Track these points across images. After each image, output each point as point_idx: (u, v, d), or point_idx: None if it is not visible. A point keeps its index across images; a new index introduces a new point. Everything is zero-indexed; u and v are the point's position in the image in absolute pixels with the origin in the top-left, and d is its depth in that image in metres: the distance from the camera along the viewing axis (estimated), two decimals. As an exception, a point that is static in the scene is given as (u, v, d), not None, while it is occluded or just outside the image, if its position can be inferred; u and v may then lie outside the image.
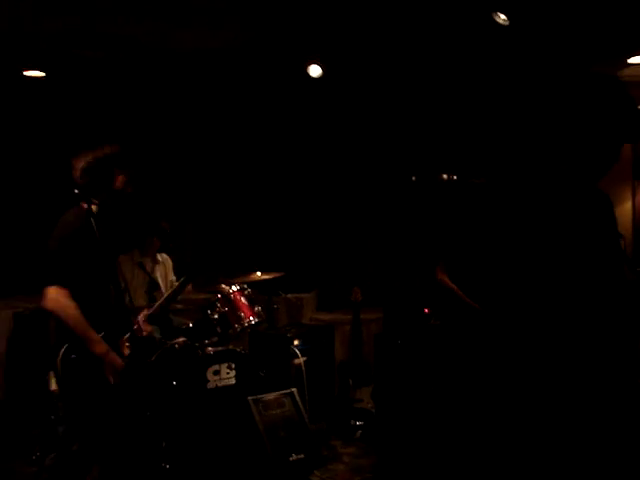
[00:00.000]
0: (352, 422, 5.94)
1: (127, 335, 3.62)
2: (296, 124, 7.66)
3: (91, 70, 6.65)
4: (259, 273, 5.79)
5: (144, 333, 4.08)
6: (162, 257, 6.10)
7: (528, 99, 6.97)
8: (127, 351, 3.53)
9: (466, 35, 5.93)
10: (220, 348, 5.16)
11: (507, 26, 5.39)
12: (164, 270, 6.07)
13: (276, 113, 7.56)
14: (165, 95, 7.19)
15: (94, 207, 3.55)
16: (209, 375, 5.04)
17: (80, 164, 3.68)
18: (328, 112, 7.58)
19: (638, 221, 7.38)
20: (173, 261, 6.23)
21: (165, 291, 5.88)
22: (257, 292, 6.23)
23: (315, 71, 6.56)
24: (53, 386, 5.20)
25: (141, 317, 4.29)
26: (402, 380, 5.76)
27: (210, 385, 5.04)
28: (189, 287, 5.92)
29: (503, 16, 5.28)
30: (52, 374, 5.17)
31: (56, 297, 3.48)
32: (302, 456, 4.84)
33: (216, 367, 5.08)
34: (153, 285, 5.87)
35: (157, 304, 4.78)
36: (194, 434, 4.76)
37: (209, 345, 5.20)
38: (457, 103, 7.27)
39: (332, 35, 6.10)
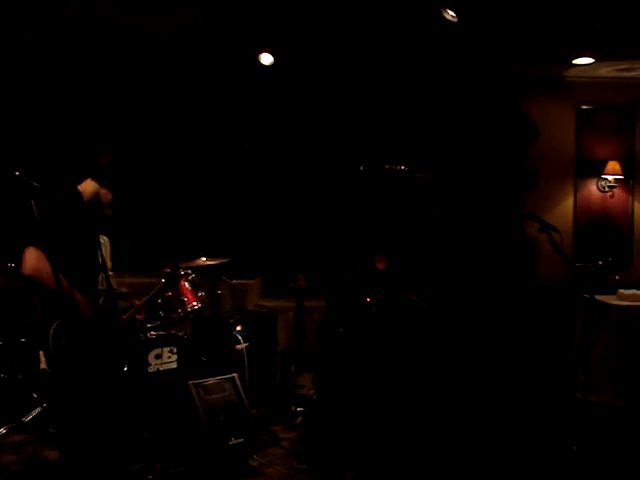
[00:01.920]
0: (293, 408, 6.01)
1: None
2: (244, 111, 7.66)
3: (47, 51, 6.58)
4: (204, 258, 5.81)
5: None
6: (103, 239, 6.06)
7: (462, 99, 7.14)
8: None
9: (415, 27, 6.03)
10: (162, 332, 5.18)
11: (455, 22, 5.49)
12: (104, 252, 6.03)
13: (226, 99, 7.55)
14: (117, 77, 7.13)
15: (84, 190, 3.89)
16: (150, 359, 5.07)
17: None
18: (278, 101, 7.61)
19: (578, 217, 7.61)
20: (112, 245, 6.21)
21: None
22: (202, 277, 6.26)
23: (267, 59, 6.59)
24: (42, 365, 5.21)
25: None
26: (344, 367, 5.86)
27: (151, 369, 5.07)
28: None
29: (452, 12, 5.38)
30: (42, 353, 5.19)
31: (37, 258, 3.56)
32: (241, 440, 4.87)
33: (158, 351, 5.11)
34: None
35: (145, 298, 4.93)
36: (135, 417, 4.78)
37: (152, 329, 5.22)
38: (406, 97, 7.38)
39: (283, 22, 6.14)
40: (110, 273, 6.06)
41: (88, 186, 3.98)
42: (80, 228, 3.94)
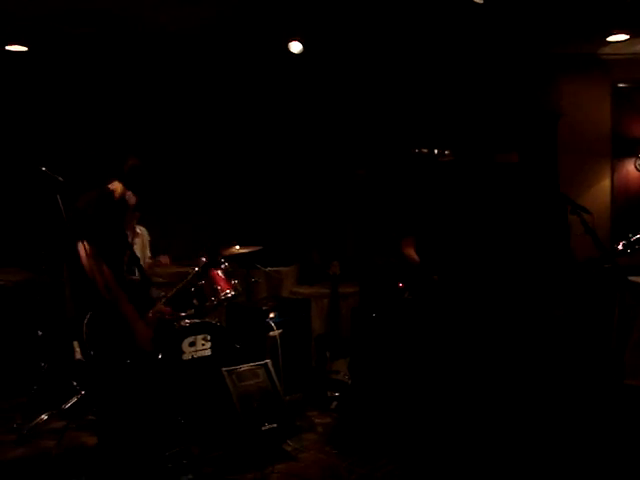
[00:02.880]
0: (329, 393, 6.06)
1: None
2: (277, 102, 7.70)
3: (73, 46, 6.69)
4: (237, 247, 5.88)
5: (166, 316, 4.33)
6: (140, 229, 6.17)
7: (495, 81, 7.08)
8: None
9: (438, 14, 5.98)
10: (196, 320, 5.28)
11: (482, 4, 5.44)
12: (141, 243, 6.14)
13: (254, 90, 7.59)
14: (145, 73, 7.22)
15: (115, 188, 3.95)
16: (185, 347, 5.18)
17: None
18: (309, 91, 7.62)
19: (616, 198, 7.48)
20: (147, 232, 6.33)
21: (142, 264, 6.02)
22: (237, 266, 6.35)
23: (296, 47, 6.61)
24: (78, 355, 5.34)
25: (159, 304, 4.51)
26: (377, 353, 5.89)
27: (186, 356, 5.18)
28: (167, 260, 6.06)
29: None
30: (76, 343, 5.33)
31: (91, 253, 3.66)
32: (274, 425, 4.94)
33: (192, 339, 5.22)
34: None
35: (175, 289, 4.88)
36: (170, 404, 4.89)
37: (186, 317, 5.32)
38: (436, 80, 7.34)
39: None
40: (150, 260, 6.24)
41: (116, 187, 4.05)
42: (113, 226, 4.02)
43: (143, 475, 4.25)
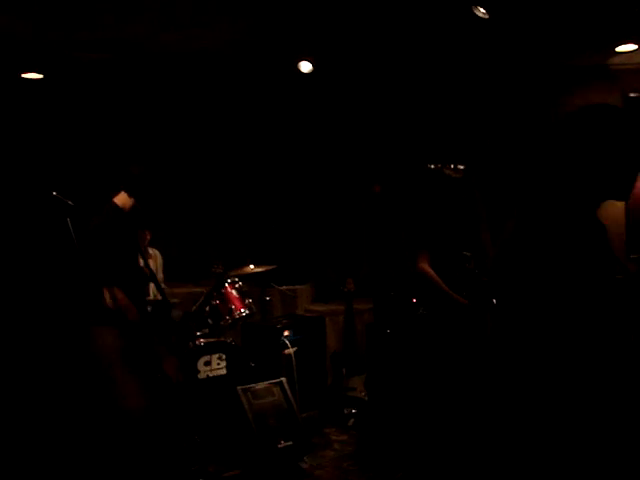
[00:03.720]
0: (345, 410, 6.06)
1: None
2: (288, 120, 7.78)
3: (87, 72, 6.81)
4: (252, 266, 5.93)
5: None
6: (153, 252, 6.26)
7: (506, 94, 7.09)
8: None
9: (448, 30, 6.02)
10: (211, 339, 5.33)
11: (487, 19, 5.48)
12: (155, 265, 6.22)
13: (268, 109, 7.68)
14: (159, 95, 7.33)
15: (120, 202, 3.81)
16: (200, 366, 5.22)
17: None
18: (323, 109, 7.69)
19: (630, 207, 7.44)
20: (161, 254, 6.40)
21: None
22: (252, 284, 6.40)
23: (306, 67, 6.69)
24: None
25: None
26: (393, 369, 5.89)
27: (201, 375, 5.22)
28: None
29: (483, 10, 5.37)
30: None
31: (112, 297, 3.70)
32: (290, 443, 4.95)
33: (207, 358, 5.26)
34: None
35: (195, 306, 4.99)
36: (185, 423, 4.92)
37: (201, 337, 5.37)
38: (445, 97, 7.38)
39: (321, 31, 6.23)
40: (163, 285, 6.29)
41: (124, 198, 4.04)
42: (125, 241, 4.04)
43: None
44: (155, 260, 6.27)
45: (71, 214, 3.34)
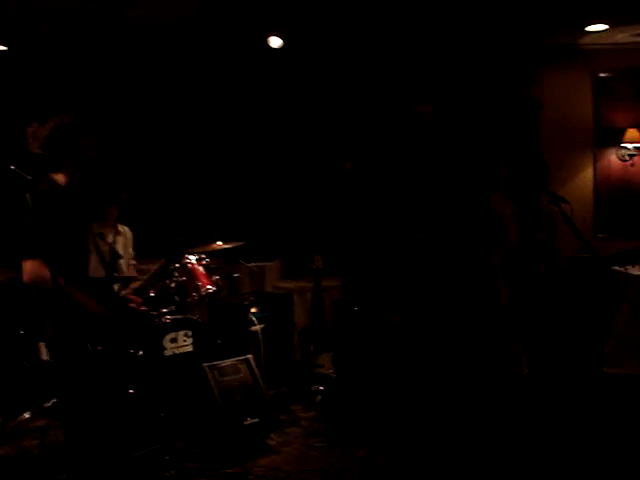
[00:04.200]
0: (313, 387, 6.04)
1: None
2: (260, 96, 7.68)
3: (53, 44, 6.66)
4: (220, 242, 5.88)
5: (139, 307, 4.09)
6: (123, 228, 6.17)
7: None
8: None
9: (416, 5, 5.98)
10: (178, 316, 5.28)
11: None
12: (124, 241, 6.14)
13: (237, 84, 7.57)
14: (124, 68, 7.20)
15: (62, 177, 3.55)
16: (166, 343, 5.18)
17: (42, 133, 3.59)
18: (292, 85, 7.60)
19: (598, 187, 7.49)
20: (137, 232, 6.32)
21: (125, 262, 6.03)
22: (222, 261, 6.35)
23: (276, 42, 6.60)
24: (44, 356, 5.30)
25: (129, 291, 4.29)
26: (359, 346, 5.90)
27: (167, 352, 5.18)
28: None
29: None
30: (42, 344, 5.28)
31: (32, 270, 3.43)
32: (257, 420, 4.94)
33: (173, 335, 5.23)
34: (114, 255, 5.98)
35: (143, 279, 4.73)
36: (152, 400, 4.89)
37: (167, 313, 5.31)
38: (414, 75, 7.35)
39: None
40: (133, 261, 6.23)
41: (59, 176, 3.67)
42: (62, 219, 3.63)
43: (125, 472, 4.26)
44: (125, 236, 6.18)
45: (30, 189, 3.25)
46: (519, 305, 4.38)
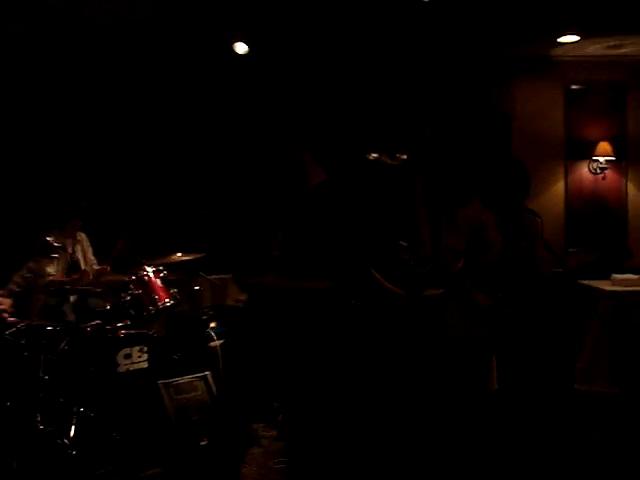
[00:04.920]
0: (275, 404, 5.85)
1: None
2: (221, 103, 7.47)
3: (13, 44, 6.44)
4: (179, 254, 5.68)
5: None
6: (80, 236, 6.00)
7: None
8: None
9: (389, 16, 5.86)
10: (132, 331, 5.05)
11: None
12: (82, 248, 5.98)
13: (200, 90, 7.36)
14: (84, 70, 6.96)
15: None
16: (119, 359, 4.94)
17: None
18: (254, 92, 7.41)
19: (570, 200, 7.40)
20: (91, 242, 6.13)
21: (85, 268, 5.85)
22: (183, 273, 6.14)
23: (241, 48, 6.45)
24: None
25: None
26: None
27: (121, 369, 4.94)
28: (107, 269, 5.87)
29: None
30: None
31: None
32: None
33: (127, 350, 4.98)
34: (74, 266, 5.81)
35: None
36: (103, 418, 4.67)
37: (122, 328, 5.09)
38: (387, 86, 7.21)
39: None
40: (97, 266, 6.03)
41: None
42: None
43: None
44: (82, 243, 6.01)
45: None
46: (502, 319, 4.22)
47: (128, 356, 4.98)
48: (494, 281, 4.19)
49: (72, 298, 5.83)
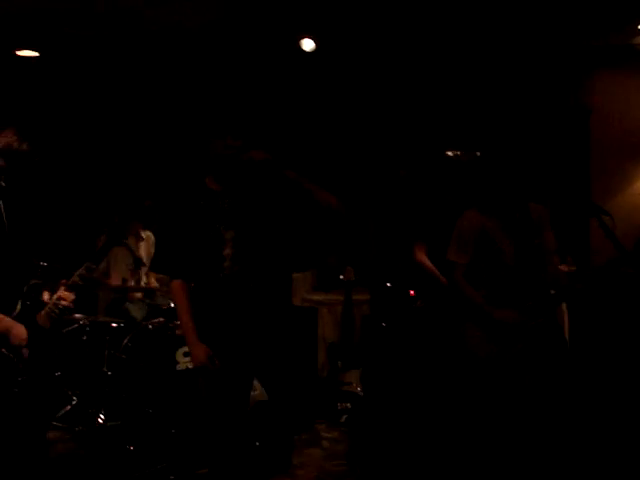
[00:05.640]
0: (339, 405, 5.77)
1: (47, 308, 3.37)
2: (288, 102, 7.41)
3: (82, 49, 6.58)
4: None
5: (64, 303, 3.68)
6: (145, 234, 6.08)
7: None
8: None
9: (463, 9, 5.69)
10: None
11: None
12: (147, 246, 6.06)
13: (272, 91, 7.33)
14: (149, 74, 7.05)
15: None
16: (179, 356, 4.97)
17: None
18: (320, 91, 7.32)
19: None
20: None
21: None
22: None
23: (308, 45, 6.38)
24: None
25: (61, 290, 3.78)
26: (389, 363, 5.60)
27: (180, 366, 4.97)
28: None
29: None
30: None
31: None
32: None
33: (186, 348, 4.99)
34: (137, 262, 5.87)
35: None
36: (162, 416, 4.71)
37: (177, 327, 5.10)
38: (463, 82, 7.01)
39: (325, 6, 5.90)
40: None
41: None
42: None
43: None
44: (147, 241, 6.10)
45: (3, 196, 3.06)
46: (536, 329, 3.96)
47: (187, 354, 4.99)
48: (518, 289, 3.90)
49: (138, 296, 5.93)
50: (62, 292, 3.38)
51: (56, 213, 5.73)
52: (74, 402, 5.08)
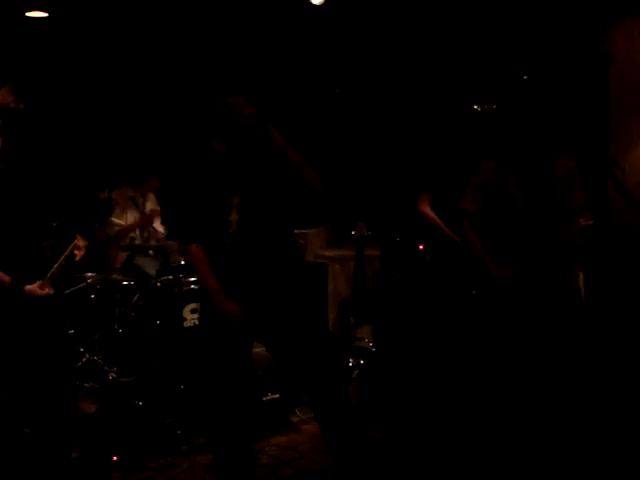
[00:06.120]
0: (351, 361, 5.78)
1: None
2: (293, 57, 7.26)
3: (89, 11, 6.52)
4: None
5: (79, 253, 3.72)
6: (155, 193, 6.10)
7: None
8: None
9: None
10: (197, 286, 5.08)
11: None
12: (153, 205, 6.08)
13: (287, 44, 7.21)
14: (155, 34, 6.96)
15: None
16: (186, 313, 5.00)
17: None
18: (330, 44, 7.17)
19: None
20: None
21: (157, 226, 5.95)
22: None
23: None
24: None
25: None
26: (399, 318, 5.57)
27: (187, 323, 5.01)
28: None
29: None
30: None
31: None
32: (277, 396, 4.72)
33: (194, 306, 5.03)
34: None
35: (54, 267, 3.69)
36: (169, 372, 4.75)
37: (193, 283, 5.13)
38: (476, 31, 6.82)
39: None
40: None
41: None
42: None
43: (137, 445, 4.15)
44: (153, 201, 6.11)
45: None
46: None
47: (195, 311, 5.02)
48: (523, 246, 3.80)
49: (151, 253, 5.95)
50: (77, 241, 3.45)
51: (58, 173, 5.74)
52: (85, 359, 5.16)
